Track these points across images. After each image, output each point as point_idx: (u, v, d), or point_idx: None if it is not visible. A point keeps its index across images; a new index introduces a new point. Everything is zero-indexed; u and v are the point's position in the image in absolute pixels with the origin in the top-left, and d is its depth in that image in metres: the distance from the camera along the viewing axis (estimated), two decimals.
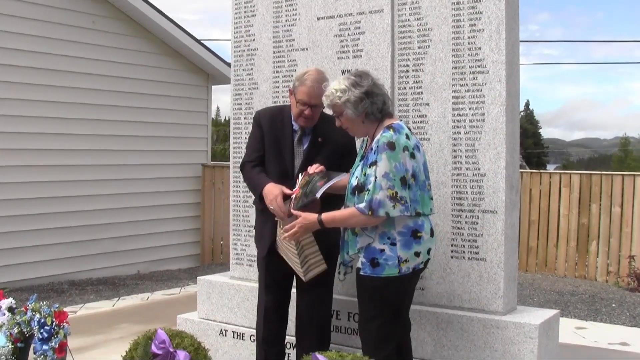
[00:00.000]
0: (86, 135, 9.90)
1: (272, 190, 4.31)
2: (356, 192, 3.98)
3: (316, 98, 4.34)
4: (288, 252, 4.28)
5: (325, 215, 4.05)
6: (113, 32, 10.27)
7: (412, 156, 3.93)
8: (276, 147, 4.54)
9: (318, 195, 4.11)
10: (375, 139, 3.97)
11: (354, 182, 4.02)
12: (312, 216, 4.07)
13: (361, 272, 3.98)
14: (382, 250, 3.91)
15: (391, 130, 3.93)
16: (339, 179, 4.21)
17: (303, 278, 4.28)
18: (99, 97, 10.03)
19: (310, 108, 4.39)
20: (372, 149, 3.97)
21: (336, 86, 4.05)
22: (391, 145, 3.86)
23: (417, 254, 3.95)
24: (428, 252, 4.04)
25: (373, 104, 4.02)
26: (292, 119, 4.55)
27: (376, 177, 3.85)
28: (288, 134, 4.55)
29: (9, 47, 9.02)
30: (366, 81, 4.04)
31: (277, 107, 4.96)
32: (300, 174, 4.33)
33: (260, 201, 4.53)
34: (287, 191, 4.27)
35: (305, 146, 4.51)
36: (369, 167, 3.92)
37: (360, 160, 4.12)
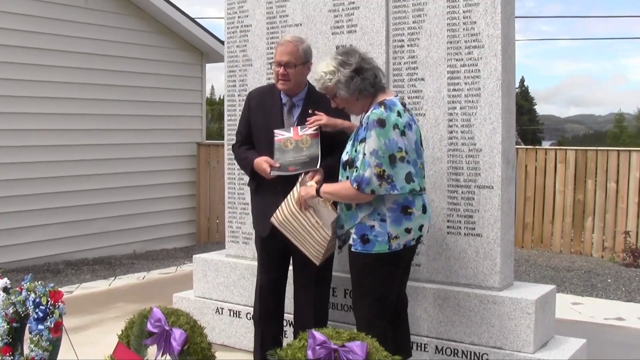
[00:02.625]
0: (80, 114, 9.83)
1: (260, 165, 4.39)
2: (347, 166, 3.99)
3: (286, 55, 4.38)
4: (313, 233, 4.12)
5: (323, 187, 4.06)
6: (105, 10, 10.16)
7: (403, 134, 3.88)
8: (266, 121, 4.54)
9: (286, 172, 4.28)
10: (366, 115, 3.94)
11: (345, 156, 4.02)
12: (312, 189, 4.09)
13: (352, 249, 3.98)
14: (372, 227, 3.90)
15: (382, 107, 3.89)
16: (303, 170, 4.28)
17: (317, 261, 4.22)
18: (92, 76, 9.94)
19: (283, 67, 4.38)
20: (361, 125, 3.95)
21: (324, 68, 4.00)
22: (381, 123, 3.83)
23: (407, 230, 3.92)
24: (420, 228, 4.00)
25: (364, 80, 3.97)
26: (282, 93, 4.56)
27: (365, 154, 3.83)
28: (277, 107, 4.55)
29: (0, 26, 8.94)
30: (353, 58, 3.98)
31: (268, 85, 4.95)
32: (299, 127, 4.39)
33: (252, 179, 4.54)
34: (272, 162, 4.34)
35: (295, 117, 4.50)
36: (360, 143, 3.90)
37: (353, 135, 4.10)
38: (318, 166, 4.23)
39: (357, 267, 4.01)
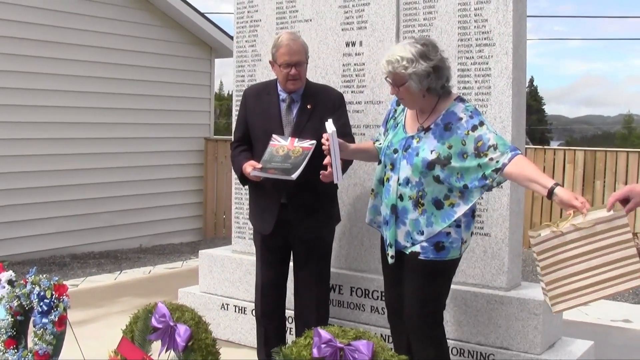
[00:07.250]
0: (88, 108, 9.83)
1: (245, 169, 4.32)
2: (434, 166, 3.65)
3: (297, 54, 4.34)
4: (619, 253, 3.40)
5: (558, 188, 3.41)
6: (114, 4, 10.15)
7: None
8: (264, 119, 4.48)
9: (294, 176, 4.06)
10: (462, 108, 3.70)
11: (431, 155, 3.66)
12: (569, 192, 3.43)
13: (421, 257, 3.71)
14: (448, 233, 3.69)
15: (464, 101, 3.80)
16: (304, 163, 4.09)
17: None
18: (99, 70, 9.94)
19: (294, 67, 4.34)
20: (459, 119, 3.66)
21: (401, 53, 3.64)
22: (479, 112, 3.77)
23: (472, 234, 3.88)
24: None
25: (438, 80, 3.69)
26: (279, 89, 4.49)
27: (495, 133, 3.63)
28: (275, 104, 4.48)
29: (9, 18, 8.92)
30: (435, 54, 3.67)
31: (263, 82, 4.88)
32: (297, 139, 4.25)
33: (242, 183, 4.55)
34: (255, 164, 4.24)
35: (294, 114, 4.45)
36: (472, 130, 3.61)
37: (418, 133, 3.78)
38: (295, 177, 4.05)
39: (422, 275, 3.73)
